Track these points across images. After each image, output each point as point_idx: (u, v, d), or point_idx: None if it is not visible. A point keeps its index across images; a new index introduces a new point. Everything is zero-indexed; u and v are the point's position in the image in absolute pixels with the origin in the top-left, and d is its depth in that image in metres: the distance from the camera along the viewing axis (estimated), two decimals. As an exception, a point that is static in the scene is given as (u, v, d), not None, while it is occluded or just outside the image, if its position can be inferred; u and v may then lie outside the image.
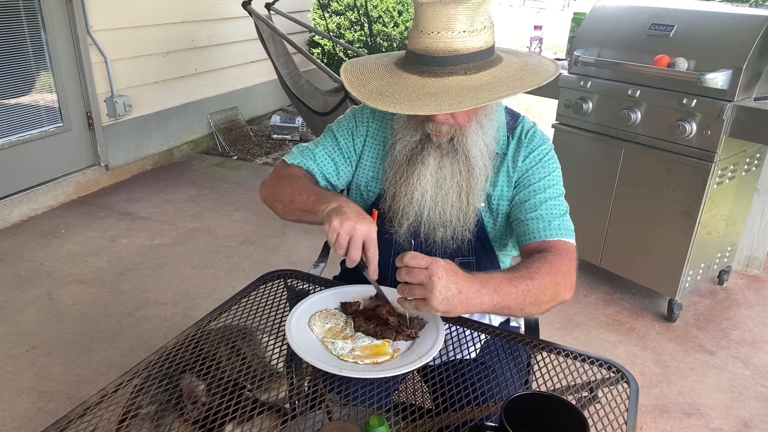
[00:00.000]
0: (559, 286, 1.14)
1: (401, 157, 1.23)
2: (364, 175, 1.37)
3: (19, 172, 3.43)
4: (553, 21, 10.01)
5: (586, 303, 2.80)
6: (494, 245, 1.34)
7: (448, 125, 1.17)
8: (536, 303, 1.11)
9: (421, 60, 1.11)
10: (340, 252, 1.10)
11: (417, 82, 1.10)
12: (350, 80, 1.17)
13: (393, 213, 1.26)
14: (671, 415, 2.15)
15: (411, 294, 1.00)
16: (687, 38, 2.35)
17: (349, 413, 1.08)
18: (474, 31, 1.08)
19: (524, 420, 0.84)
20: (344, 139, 1.36)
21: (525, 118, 1.35)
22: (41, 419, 2.02)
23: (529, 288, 1.08)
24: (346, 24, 5.25)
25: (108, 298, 2.71)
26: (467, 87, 1.07)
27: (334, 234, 1.09)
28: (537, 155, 1.28)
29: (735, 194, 2.62)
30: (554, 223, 1.23)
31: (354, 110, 1.39)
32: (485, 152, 1.21)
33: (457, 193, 1.21)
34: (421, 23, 1.09)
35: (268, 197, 1.37)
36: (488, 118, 1.22)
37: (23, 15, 3.33)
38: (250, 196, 3.89)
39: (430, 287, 0.98)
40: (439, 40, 1.08)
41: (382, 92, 1.11)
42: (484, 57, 1.12)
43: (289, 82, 4.02)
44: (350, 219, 1.09)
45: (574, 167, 2.81)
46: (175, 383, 1.03)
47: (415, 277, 0.99)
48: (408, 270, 0.99)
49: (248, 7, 3.82)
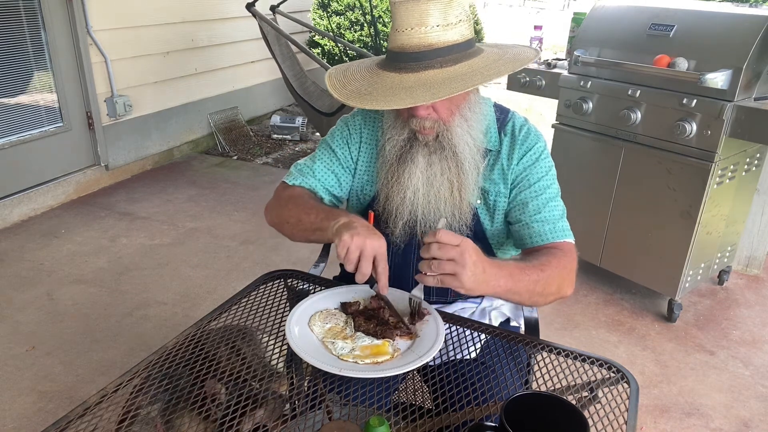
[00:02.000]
0: (564, 281, 1.19)
1: (391, 156, 1.24)
2: (360, 179, 1.38)
3: (19, 172, 3.43)
4: (553, 21, 10.02)
5: (586, 303, 2.80)
6: (492, 244, 1.34)
7: (432, 120, 1.17)
8: (543, 294, 1.16)
9: (398, 57, 1.12)
10: (350, 268, 1.09)
11: (395, 79, 1.11)
12: (332, 83, 1.19)
13: (387, 214, 1.26)
14: (671, 415, 2.15)
15: (440, 269, 1.01)
16: (687, 38, 2.35)
17: (349, 413, 1.08)
18: (449, 25, 1.09)
19: (524, 420, 0.84)
20: (340, 149, 1.37)
21: (515, 113, 1.34)
22: (41, 419, 2.02)
23: (539, 278, 1.13)
24: (346, 24, 5.25)
25: (108, 298, 2.71)
26: (442, 79, 1.08)
27: (345, 249, 1.08)
28: (534, 154, 1.28)
29: (735, 194, 2.62)
30: (558, 225, 1.26)
31: (346, 119, 1.39)
32: (473, 146, 1.21)
33: (449, 189, 1.22)
34: (396, 21, 1.11)
35: (274, 221, 1.37)
36: (473, 111, 1.22)
37: (23, 15, 3.33)
38: (250, 196, 3.89)
39: (462, 263, 1.00)
40: (413, 36, 1.09)
41: (361, 91, 1.13)
42: (462, 50, 1.12)
43: (295, 84, 4.02)
44: (360, 234, 1.09)
45: (574, 167, 2.81)
46: (191, 384, 1.03)
47: (447, 253, 1.01)
48: (440, 246, 1.01)
49: (252, 9, 3.82)
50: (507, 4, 17.22)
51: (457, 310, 1.37)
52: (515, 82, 2.99)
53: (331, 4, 5.40)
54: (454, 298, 1.39)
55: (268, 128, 5.15)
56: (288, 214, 1.32)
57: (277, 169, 4.46)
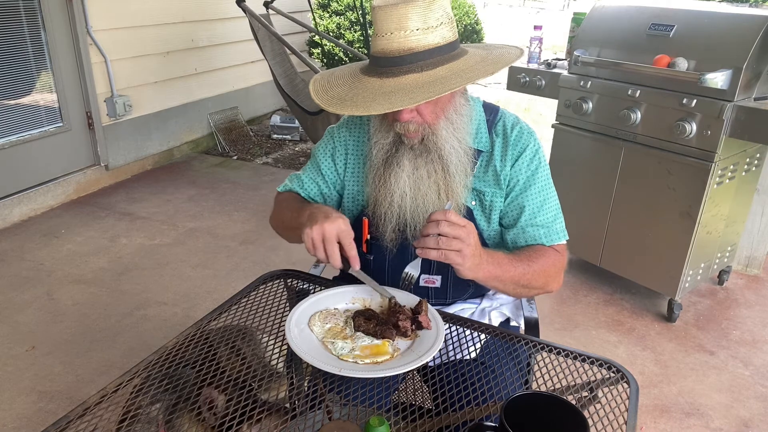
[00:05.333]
0: (550, 278, 1.26)
1: (377, 161, 1.24)
2: (351, 189, 1.38)
3: (19, 172, 3.43)
4: (553, 21, 10.01)
5: (586, 303, 2.80)
6: (489, 245, 1.34)
7: (416, 123, 1.17)
8: (528, 287, 1.23)
9: (379, 62, 1.12)
10: (320, 256, 1.13)
11: (375, 84, 1.11)
12: (316, 89, 1.20)
13: (377, 218, 1.27)
14: (671, 415, 2.15)
15: (448, 245, 1.06)
16: (687, 38, 2.35)
17: (349, 413, 1.08)
18: (429, 28, 1.09)
19: (524, 420, 0.84)
20: (325, 164, 1.38)
21: (504, 111, 1.34)
22: (41, 419, 2.02)
23: (526, 271, 1.21)
24: (345, 24, 5.25)
25: (108, 298, 2.71)
26: (422, 83, 1.08)
27: (309, 240, 1.12)
28: (528, 155, 1.28)
29: (735, 194, 2.62)
30: (553, 228, 1.29)
31: (332, 131, 1.40)
32: (459, 148, 1.21)
33: (436, 192, 1.22)
34: (377, 26, 1.11)
35: (275, 228, 1.44)
36: (458, 114, 1.21)
37: (23, 15, 3.33)
38: (250, 196, 3.89)
39: (468, 242, 1.07)
40: (393, 40, 1.09)
41: (342, 97, 1.14)
42: (443, 53, 1.11)
43: (283, 81, 4.00)
44: (318, 221, 1.12)
45: (574, 167, 2.81)
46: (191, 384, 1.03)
47: (455, 231, 1.07)
48: (450, 223, 1.06)
49: (242, 5, 3.78)
50: (507, 4, 17.22)
51: (457, 311, 1.37)
52: (515, 82, 2.99)
53: (330, 4, 5.40)
54: (453, 299, 1.39)
55: (268, 128, 5.15)
56: (277, 219, 1.40)
57: (277, 169, 4.46)
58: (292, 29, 4.93)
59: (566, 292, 2.88)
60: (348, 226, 1.14)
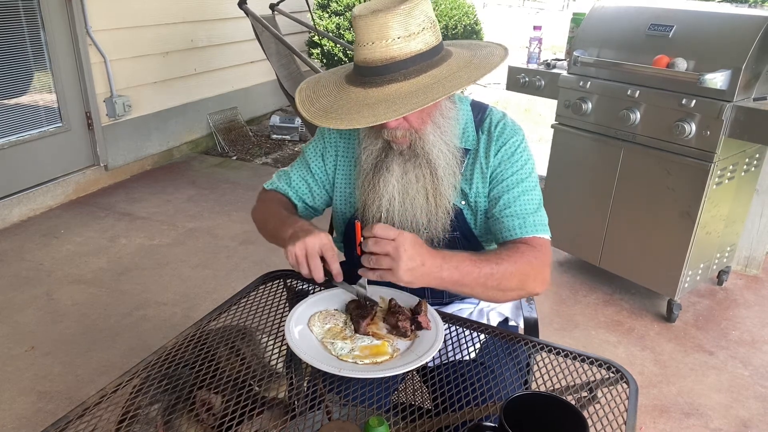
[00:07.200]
0: (527, 278, 1.17)
1: (367, 165, 1.25)
2: (341, 193, 1.39)
3: (18, 172, 3.43)
4: (552, 21, 10.02)
5: (586, 303, 2.80)
6: (482, 241, 1.34)
7: (403, 130, 1.17)
8: (500, 288, 1.15)
9: (362, 72, 1.12)
10: (304, 271, 1.13)
11: (359, 95, 1.11)
12: (302, 99, 1.20)
13: (366, 222, 1.27)
14: (671, 415, 2.15)
15: (378, 263, 1.05)
16: (686, 38, 2.35)
17: (348, 413, 1.08)
18: (410, 35, 1.08)
19: (523, 420, 0.84)
20: (315, 163, 1.39)
21: (493, 109, 1.34)
22: (41, 419, 2.02)
23: (493, 272, 1.12)
24: (345, 24, 5.25)
25: (108, 298, 2.71)
26: (405, 93, 1.08)
27: (292, 257, 1.13)
28: (508, 149, 1.28)
29: (734, 194, 2.62)
30: (529, 219, 1.25)
31: (322, 131, 1.40)
32: (447, 152, 1.21)
33: (424, 196, 1.22)
34: (358, 36, 1.10)
35: (255, 222, 1.43)
36: (445, 117, 1.21)
37: (23, 15, 3.33)
38: (250, 197, 3.89)
39: (397, 258, 1.03)
40: (375, 50, 1.09)
41: (328, 109, 1.13)
42: (427, 58, 1.11)
43: (288, 83, 4.00)
44: (299, 238, 1.13)
45: (573, 167, 2.81)
46: (190, 384, 1.03)
47: (383, 248, 1.04)
48: (376, 240, 1.04)
49: (244, 7, 3.78)
50: (506, 5, 17.23)
51: (455, 311, 1.37)
52: (515, 82, 2.99)
53: (330, 4, 5.40)
54: (450, 299, 1.39)
55: (267, 128, 5.15)
56: (259, 217, 1.39)
57: (276, 169, 4.44)
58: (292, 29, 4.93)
59: (565, 292, 2.88)
60: (330, 240, 1.15)
